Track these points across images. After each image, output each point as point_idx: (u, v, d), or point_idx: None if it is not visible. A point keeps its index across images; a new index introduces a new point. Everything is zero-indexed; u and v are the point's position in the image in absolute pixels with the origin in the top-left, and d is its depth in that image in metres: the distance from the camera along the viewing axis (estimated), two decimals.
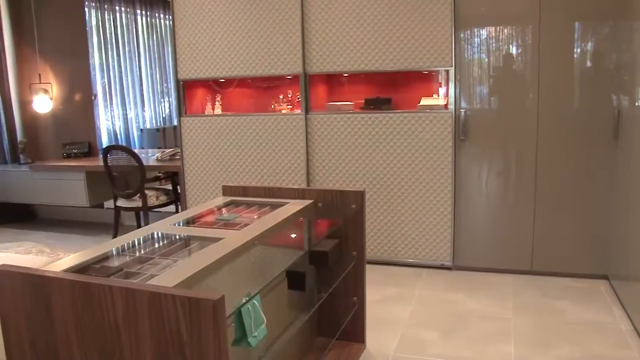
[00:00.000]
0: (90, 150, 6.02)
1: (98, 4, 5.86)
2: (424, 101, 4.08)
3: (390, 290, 3.69)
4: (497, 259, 3.94)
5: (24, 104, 6.28)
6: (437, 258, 4.05)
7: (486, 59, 3.80)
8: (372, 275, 3.96)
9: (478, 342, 2.91)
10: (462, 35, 3.79)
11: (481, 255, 3.98)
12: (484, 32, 3.77)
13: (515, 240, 3.88)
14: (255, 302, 1.74)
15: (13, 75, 6.19)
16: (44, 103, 6.06)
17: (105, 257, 1.91)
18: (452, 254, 4.01)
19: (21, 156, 6.07)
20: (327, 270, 2.66)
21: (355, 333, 2.89)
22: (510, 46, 3.73)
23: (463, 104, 3.87)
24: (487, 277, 3.89)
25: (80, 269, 1.77)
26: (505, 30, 3.72)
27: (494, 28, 3.74)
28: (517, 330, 3.03)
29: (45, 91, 6.05)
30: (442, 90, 4.15)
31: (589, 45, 3.57)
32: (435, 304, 3.44)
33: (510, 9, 3.67)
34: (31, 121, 6.32)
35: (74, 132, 6.10)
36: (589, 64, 3.58)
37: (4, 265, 1.59)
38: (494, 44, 3.76)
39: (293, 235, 2.51)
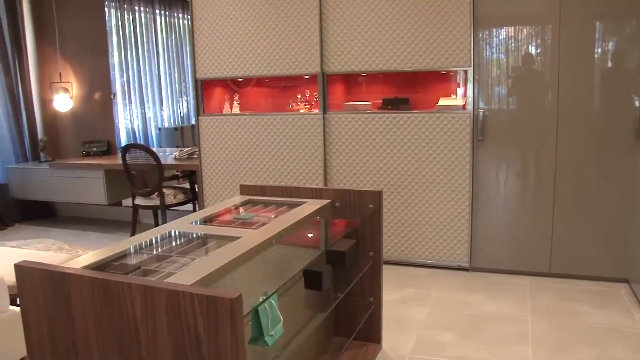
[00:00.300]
0: (109, 148, 6.07)
1: (118, 4, 5.91)
2: (442, 101, 4.06)
3: (407, 291, 3.67)
4: (515, 260, 3.91)
5: (45, 103, 6.36)
6: (454, 259, 4.02)
7: (505, 59, 3.77)
8: (389, 276, 3.95)
9: (495, 344, 2.89)
10: (480, 35, 3.77)
11: (499, 257, 3.95)
12: (502, 32, 3.74)
13: (533, 242, 3.84)
14: (272, 301, 1.74)
15: (34, 75, 6.27)
16: (64, 102, 6.13)
17: (124, 255, 1.93)
18: (469, 255, 3.98)
19: (42, 154, 6.15)
20: (344, 270, 2.65)
21: (371, 333, 2.88)
22: (530, 46, 3.69)
23: (481, 104, 3.84)
24: (505, 278, 3.86)
25: (100, 266, 1.79)
26: (525, 30, 3.68)
27: (513, 28, 3.71)
28: (535, 332, 3.00)
29: (66, 90, 6.12)
30: (460, 91, 4.12)
31: (610, 45, 3.52)
32: (452, 305, 3.41)
33: (530, 9, 3.64)
34: (51, 120, 6.40)
35: (93, 130, 6.16)
36: (609, 64, 3.54)
37: (24, 261, 1.61)
38: (512, 44, 3.72)
39: (310, 235, 2.51)
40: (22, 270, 1.60)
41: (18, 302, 2.76)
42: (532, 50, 3.69)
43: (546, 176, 3.75)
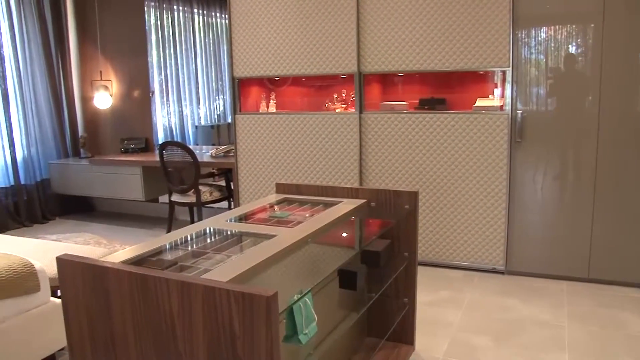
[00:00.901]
0: (146, 145, 6.17)
1: (157, 4, 6.00)
2: (479, 102, 4.01)
3: (441, 293, 3.64)
4: (552, 264, 3.83)
5: (86, 100, 6.50)
6: (489, 262, 3.97)
7: (544, 59, 3.70)
8: (423, 277, 3.92)
9: (530, 349, 2.83)
10: (519, 35, 3.70)
11: (535, 260, 3.88)
12: (542, 31, 3.67)
13: (571, 246, 3.76)
14: (307, 299, 1.74)
15: (76, 73, 6.42)
16: (104, 99, 6.25)
17: (161, 251, 1.95)
18: (505, 258, 3.92)
19: (82, 150, 6.29)
20: (378, 270, 2.64)
21: (404, 334, 2.86)
22: (570, 46, 3.62)
23: (519, 105, 3.78)
24: (541, 282, 3.79)
25: (137, 261, 1.81)
26: (565, 30, 3.61)
27: (553, 27, 3.64)
28: (572, 339, 2.94)
29: (106, 88, 6.24)
30: (497, 91, 4.06)
31: None
32: (487, 309, 3.37)
33: (573, 7, 3.56)
34: (92, 117, 6.54)
35: (131, 127, 6.27)
36: None
37: (65, 254, 1.65)
38: (552, 44, 3.65)
39: (345, 235, 2.50)
40: (64, 263, 1.63)
41: (58, 294, 2.83)
42: (573, 50, 3.62)
43: (586, 179, 3.67)
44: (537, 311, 3.32)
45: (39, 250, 3.15)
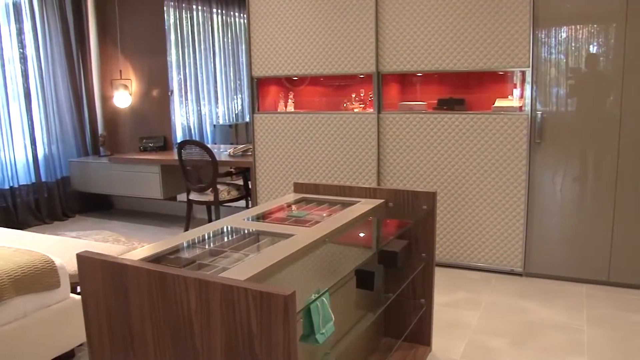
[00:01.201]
0: (165, 144, 6.21)
1: (176, 3, 6.04)
2: (498, 102, 3.98)
3: (458, 294, 3.61)
4: (571, 266, 3.79)
5: (105, 99, 6.56)
6: (507, 263, 3.94)
7: (564, 59, 3.65)
8: (440, 278, 3.90)
9: (548, 353, 2.81)
10: (539, 35, 3.67)
11: (554, 262, 3.84)
12: (563, 31, 3.63)
13: (591, 248, 3.72)
14: (324, 299, 1.74)
15: (97, 72, 6.49)
16: (123, 98, 6.31)
17: (179, 249, 1.96)
18: (523, 260, 3.89)
19: (101, 149, 6.35)
20: (395, 270, 2.63)
21: (421, 335, 2.85)
22: (592, 46, 3.57)
23: (539, 106, 3.74)
24: (560, 285, 3.75)
25: (156, 258, 1.82)
26: (587, 30, 3.56)
27: (574, 27, 3.59)
28: (591, 343, 2.90)
29: (125, 87, 6.30)
30: (516, 92, 4.02)
31: None
32: (505, 311, 3.34)
33: (594, 7, 3.51)
34: (111, 115, 6.60)
35: (150, 126, 6.32)
36: None
37: (86, 251, 1.66)
38: (573, 44, 3.61)
39: (363, 235, 2.50)
40: (84, 260, 1.65)
41: (78, 290, 2.86)
42: (594, 50, 3.57)
43: (607, 180, 3.62)
44: (556, 314, 3.28)
45: (59, 247, 3.18)
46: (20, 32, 5.65)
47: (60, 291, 2.62)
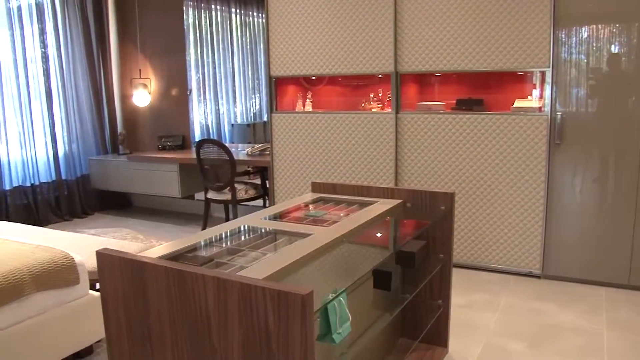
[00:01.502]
0: (183, 143, 6.25)
1: (195, 3, 6.07)
2: (518, 103, 3.94)
3: (475, 296, 3.59)
4: (590, 269, 3.75)
5: (125, 98, 6.62)
6: (525, 265, 3.90)
7: (585, 59, 3.61)
8: (458, 279, 3.87)
9: (567, 356, 2.77)
10: (559, 35, 3.63)
11: (573, 265, 3.79)
12: (584, 31, 3.58)
13: (611, 251, 3.67)
14: (341, 299, 1.73)
15: (116, 71, 6.55)
16: (142, 97, 6.36)
17: (197, 247, 1.97)
18: (541, 262, 3.85)
19: (120, 147, 6.41)
20: (413, 271, 2.62)
21: (438, 337, 2.84)
22: (613, 46, 3.52)
23: (559, 107, 3.70)
24: (578, 288, 3.71)
25: (174, 256, 1.84)
26: (608, 29, 3.51)
27: (595, 27, 3.55)
28: (611, 347, 2.87)
29: (145, 86, 6.35)
30: (535, 92, 3.99)
31: None
32: (523, 313, 3.31)
33: (616, 7, 3.46)
34: (130, 114, 6.66)
35: (169, 125, 6.36)
36: None
37: (105, 249, 1.68)
38: (594, 44, 3.56)
39: (380, 235, 2.49)
40: (103, 257, 1.66)
41: (97, 287, 2.89)
42: (616, 49, 3.52)
43: (628, 182, 3.57)
44: (574, 317, 3.25)
45: (79, 244, 3.22)
46: (42, 32, 5.72)
47: (79, 288, 2.65)
